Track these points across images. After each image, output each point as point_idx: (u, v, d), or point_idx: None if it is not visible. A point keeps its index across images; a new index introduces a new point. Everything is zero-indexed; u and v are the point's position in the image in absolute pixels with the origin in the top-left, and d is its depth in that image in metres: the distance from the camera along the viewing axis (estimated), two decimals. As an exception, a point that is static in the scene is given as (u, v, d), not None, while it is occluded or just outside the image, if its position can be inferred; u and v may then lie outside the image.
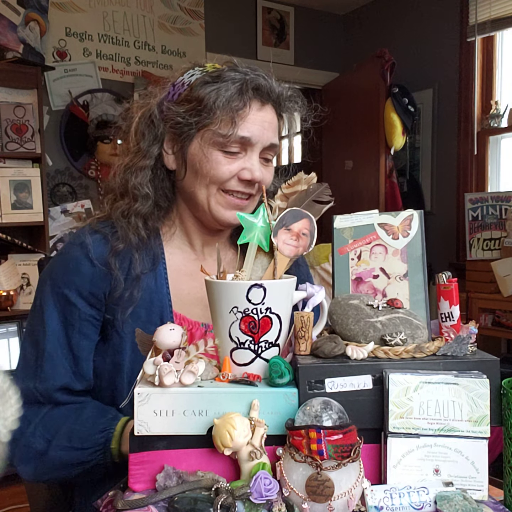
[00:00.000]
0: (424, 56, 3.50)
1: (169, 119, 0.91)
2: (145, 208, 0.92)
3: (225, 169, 0.89)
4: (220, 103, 0.86)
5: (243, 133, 0.87)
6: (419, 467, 0.64)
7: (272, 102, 0.92)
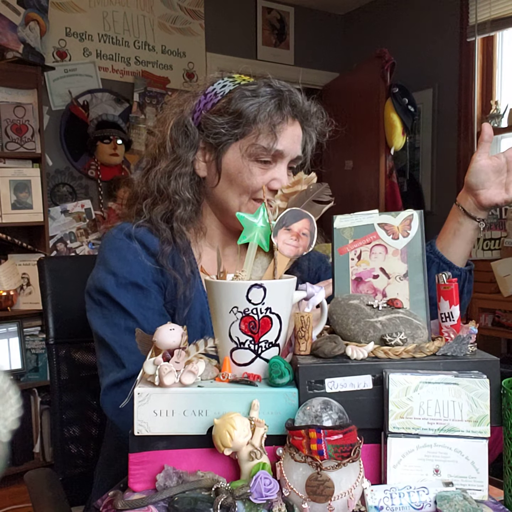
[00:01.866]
0: (424, 56, 3.50)
1: (207, 129, 0.96)
2: (187, 213, 0.97)
3: (258, 180, 0.94)
4: (261, 117, 0.92)
5: (279, 147, 0.93)
6: (419, 467, 0.64)
7: (300, 117, 0.98)
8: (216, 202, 0.99)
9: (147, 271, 0.92)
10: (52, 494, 1.03)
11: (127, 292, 0.90)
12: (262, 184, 0.92)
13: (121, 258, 0.92)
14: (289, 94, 0.95)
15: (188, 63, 3.46)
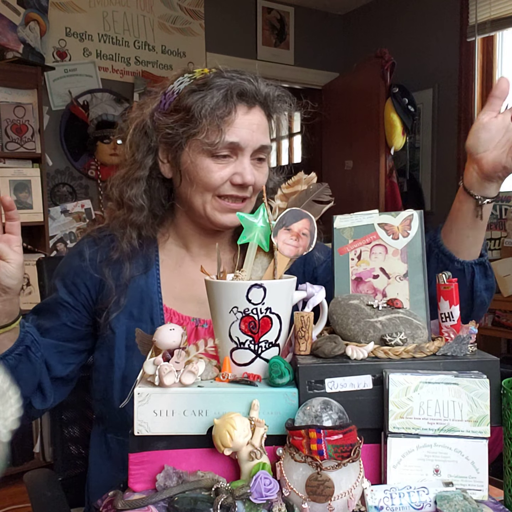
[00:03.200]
0: (424, 56, 3.50)
1: (160, 129, 0.93)
2: (140, 218, 0.95)
3: (216, 176, 0.90)
4: (205, 112, 0.87)
5: (231, 138, 0.88)
6: (419, 467, 0.64)
7: (259, 104, 0.92)
8: (183, 201, 0.97)
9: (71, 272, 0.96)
10: (51, 495, 1.03)
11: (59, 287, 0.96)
12: (221, 180, 0.90)
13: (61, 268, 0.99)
14: (240, 82, 0.89)
15: (188, 63, 3.46)
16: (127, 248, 0.94)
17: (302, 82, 3.94)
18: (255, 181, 0.92)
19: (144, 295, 0.95)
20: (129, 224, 0.95)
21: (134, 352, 0.91)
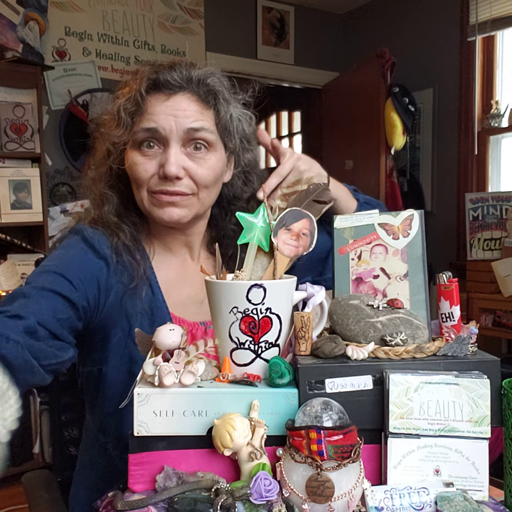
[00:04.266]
0: (424, 55, 3.50)
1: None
2: (127, 240, 0.89)
3: (141, 169, 0.85)
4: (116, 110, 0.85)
5: (149, 124, 0.83)
6: (419, 467, 0.64)
7: (182, 89, 0.85)
8: None
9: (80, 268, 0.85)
10: (49, 496, 1.03)
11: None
12: (146, 174, 0.85)
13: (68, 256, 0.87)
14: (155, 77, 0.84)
15: None
16: (142, 271, 0.88)
17: (302, 82, 3.94)
18: (192, 174, 0.85)
19: (153, 307, 0.90)
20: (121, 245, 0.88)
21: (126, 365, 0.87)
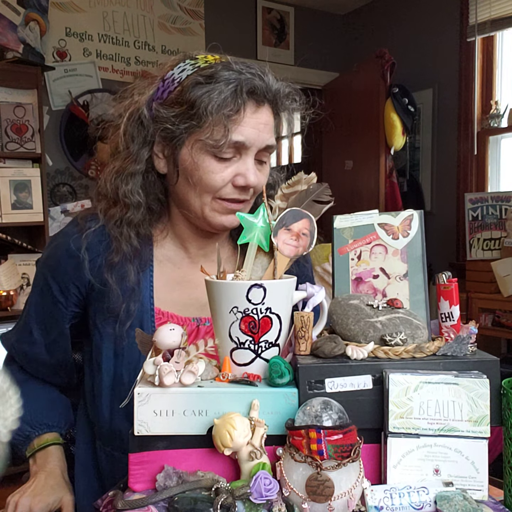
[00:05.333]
0: (424, 56, 3.50)
1: (158, 122, 0.86)
2: (138, 216, 0.88)
3: (217, 177, 0.84)
4: (212, 109, 0.80)
5: (237, 137, 0.82)
6: (419, 467, 0.64)
7: (268, 102, 0.86)
8: (179, 201, 0.90)
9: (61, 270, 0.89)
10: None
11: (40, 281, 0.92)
12: (223, 182, 0.84)
13: (50, 249, 0.92)
14: (250, 78, 0.82)
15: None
16: (127, 249, 0.87)
17: (302, 82, 3.93)
18: (257, 182, 0.87)
19: (125, 287, 0.87)
20: (126, 223, 0.87)
21: (122, 360, 0.87)
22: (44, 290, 0.91)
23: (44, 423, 0.91)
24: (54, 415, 0.93)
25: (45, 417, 0.92)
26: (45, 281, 0.91)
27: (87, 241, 0.87)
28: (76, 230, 0.89)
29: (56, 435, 0.94)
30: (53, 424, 0.92)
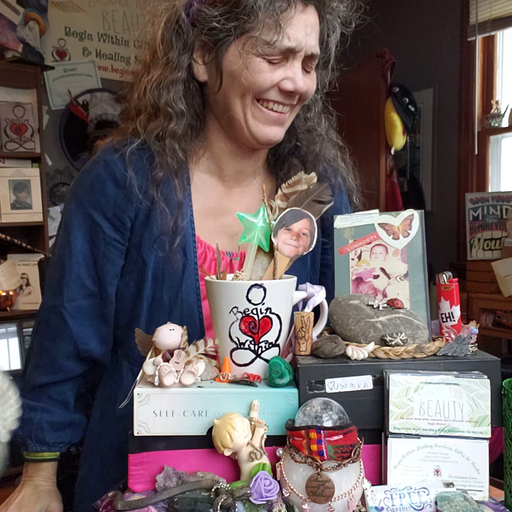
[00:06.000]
0: (424, 55, 3.50)
1: (201, 24, 0.81)
2: (181, 127, 0.84)
3: (267, 78, 0.80)
4: (261, 3, 0.76)
5: (289, 43, 0.78)
6: (419, 467, 0.64)
7: (315, 1, 0.81)
8: (220, 112, 0.86)
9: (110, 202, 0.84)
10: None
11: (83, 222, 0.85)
12: (271, 84, 0.80)
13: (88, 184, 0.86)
14: None
15: None
16: (173, 162, 0.83)
17: (302, 82, 3.94)
18: (307, 88, 0.84)
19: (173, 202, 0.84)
20: (170, 135, 0.83)
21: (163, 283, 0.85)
22: (94, 232, 0.85)
23: (46, 442, 0.88)
24: (59, 435, 0.90)
25: (48, 436, 0.89)
26: (92, 221, 0.84)
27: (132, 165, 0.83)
28: (116, 157, 0.85)
29: (54, 452, 0.91)
30: (54, 444, 0.89)
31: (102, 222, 0.84)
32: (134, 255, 0.86)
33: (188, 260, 0.85)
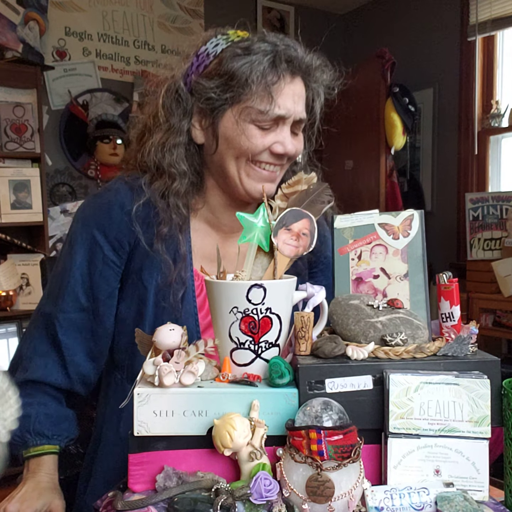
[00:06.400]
0: (424, 55, 3.50)
1: (198, 93, 0.90)
2: (183, 186, 0.92)
3: (259, 143, 0.88)
4: (254, 77, 0.85)
5: (279, 111, 0.87)
6: (419, 467, 0.64)
7: (301, 73, 0.91)
8: (216, 171, 0.94)
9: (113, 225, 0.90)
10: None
11: (85, 240, 0.91)
12: (263, 148, 0.89)
13: (96, 207, 0.92)
14: (285, 48, 0.89)
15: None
16: (177, 218, 0.91)
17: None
18: (296, 150, 0.92)
19: (177, 255, 0.92)
20: (173, 193, 0.91)
21: (163, 309, 0.90)
22: (94, 251, 0.90)
23: (45, 435, 0.90)
24: (57, 428, 0.91)
25: (47, 429, 0.90)
26: (94, 241, 0.90)
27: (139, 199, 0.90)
28: (127, 187, 0.92)
29: (53, 445, 0.92)
30: (53, 437, 0.91)
31: (103, 243, 0.90)
32: (135, 280, 0.92)
33: (186, 287, 0.92)
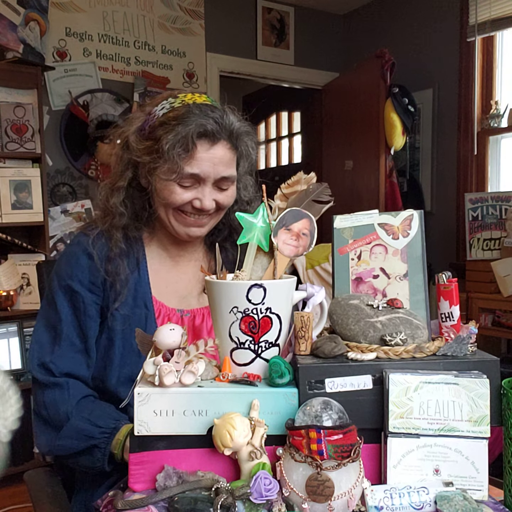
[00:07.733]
0: (424, 56, 3.50)
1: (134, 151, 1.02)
2: (122, 222, 1.03)
3: (178, 198, 0.98)
4: (166, 147, 0.94)
5: (192, 170, 0.96)
6: (419, 467, 0.64)
7: (224, 138, 0.98)
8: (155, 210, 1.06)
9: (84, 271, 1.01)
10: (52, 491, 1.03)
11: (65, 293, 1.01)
12: (182, 202, 0.98)
13: (65, 261, 1.04)
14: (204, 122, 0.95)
15: (188, 63, 3.45)
16: (116, 249, 1.03)
17: (302, 82, 3.94)
18: (219, 203, 1.01)
19: (138, 286, 1.04)
20: (114, 227, 1.03)
21: (131, 332, 0.96)
22: (75, 298, 1.01)
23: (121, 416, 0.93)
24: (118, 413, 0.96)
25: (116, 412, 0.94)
26: (72, 290, 1.00)
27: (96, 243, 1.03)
28: (85, 236, 1.05)
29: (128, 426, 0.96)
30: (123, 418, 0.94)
31: (80, 289, 1.00)
32: (105, 311, 1.03)
33: (149, 311, 1.03)
